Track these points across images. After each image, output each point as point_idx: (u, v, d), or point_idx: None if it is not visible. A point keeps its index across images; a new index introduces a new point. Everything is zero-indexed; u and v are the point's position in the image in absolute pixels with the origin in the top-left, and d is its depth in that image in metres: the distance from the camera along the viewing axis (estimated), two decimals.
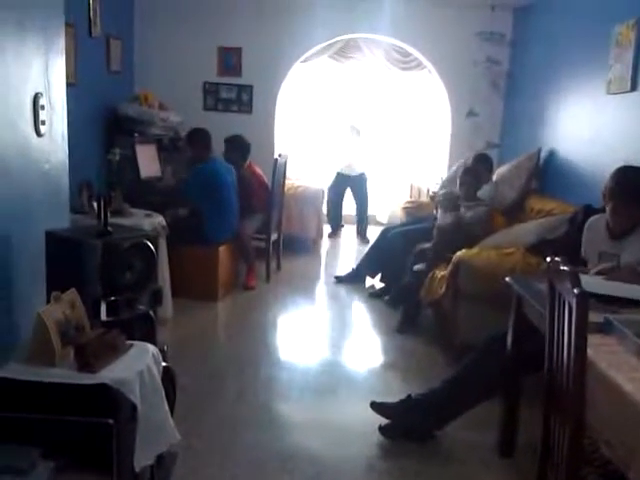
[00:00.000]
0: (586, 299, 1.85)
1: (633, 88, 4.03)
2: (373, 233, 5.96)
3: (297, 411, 3.43)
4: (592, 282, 2.28)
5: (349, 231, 7.87)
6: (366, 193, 7.76)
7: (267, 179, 5.77)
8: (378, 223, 7.81)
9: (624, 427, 1.70)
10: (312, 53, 7.14)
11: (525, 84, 6.20)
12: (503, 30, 6.62)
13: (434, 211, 5.11)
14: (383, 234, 5.63)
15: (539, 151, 5.28)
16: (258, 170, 5.85)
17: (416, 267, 4.58)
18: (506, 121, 6.79)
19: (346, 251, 7.15)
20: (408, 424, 3.03)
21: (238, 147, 5.67)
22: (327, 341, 4.49)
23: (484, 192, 4.94)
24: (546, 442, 2.18)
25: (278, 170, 5.68)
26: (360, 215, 7.77)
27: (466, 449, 3.03)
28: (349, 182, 7.69)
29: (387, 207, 7.99)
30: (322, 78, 8.29)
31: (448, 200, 4.70)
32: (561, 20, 5.39)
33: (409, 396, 3.09)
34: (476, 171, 4.91)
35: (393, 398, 3.15)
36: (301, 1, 6.49)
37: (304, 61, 7.25)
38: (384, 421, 3.07)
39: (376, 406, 3.13)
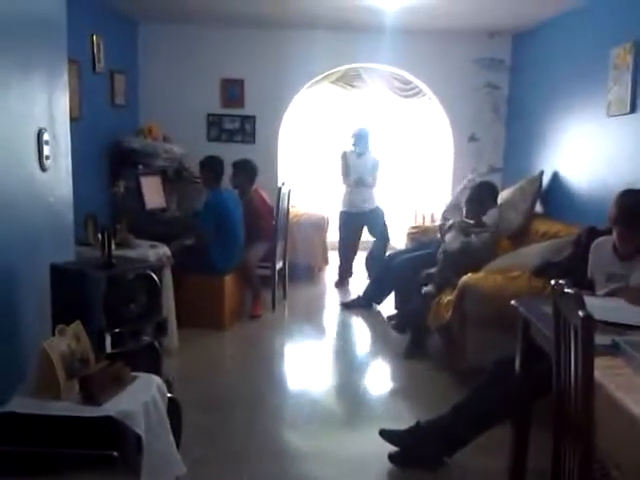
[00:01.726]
0: (591, 322, 1.84)
1: (632, 110, 4.06)
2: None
3: (305, 440, 3.39)
4: (597, 307, 2.25)
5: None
6: (386, 228, 6.60)
7: (272, 205, 5.80)
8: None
9: (634, 449, 1.68)
10: (314, 80, 7.22)
11: (526, 108, 6.24)
12: (502, 56, 6.69)
13: (438, 235, 5.10)
14: (388, 260, 5.63)
15: (541, 174, 5.30)
16: (264, 195, 5.89)
17: (424, 289, 4.57)
18: (508, 145, 6.82)
19: (352, 278, 7.12)
20: (418, 451, 2.99)
21: (245, 171, 5.72)
22: (334, 368, 4.47)
23: (489, 218, 4.95)
24: (556, 466, 2.15)
25: (282, 198, 5.71)
26: (379, 251, 6.45)
27: (476, 476, 2.99)
28: (364, 220, 6.53)
29: (401, 233, 7.76)
30: (324, 105, 8.34)
31: (462, 227, 4.70)
32: (559, 45, 5.44)
33: (418, 423, 3.06)
34: (479, 199, 4.92)
35: (402, 425, 3.12)
36: (301, 32, 6.58)
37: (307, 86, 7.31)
38: (393, 449, 3.04)
39: (385, 434, 3.10)
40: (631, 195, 2.88)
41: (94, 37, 5.21)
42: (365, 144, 6.46)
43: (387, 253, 6.20)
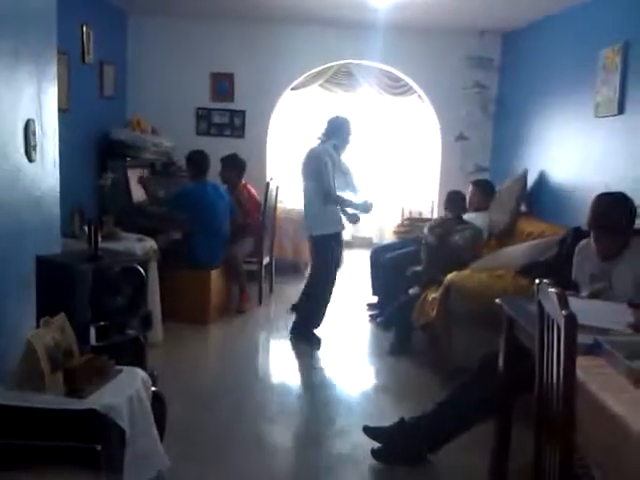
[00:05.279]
0: (574, 321, 1.86)
1: (620, 111, 4.09)
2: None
3: (288, 436, 3.41)
4: (579, 310, 2.26)
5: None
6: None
7: (261, 200, 5.80)
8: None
9: (615, 448, 1.70)
10: (303, 81, 7.21)
11: (514, 108, 6.27)
12: (492, 55, 6.70)
13: (421, 234, 5.11)
14: (374, 256, 5.65)
15: (525, 173, 5.33)
16: (253, 190, 5.89)
17: (411, 291, 4.58)
18: (495, 144, 6.85)
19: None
20: (401, 448, 3.01)
21: (233, 165, 5.73)
22: (319, 364, 4.47)
23: (478, 218, 4.98)
24: (538, 465, 2.17)
25: (270, 194, 5.71)
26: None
27: (459, 473, 3.01)
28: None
29: (388, 229, 7.82)
30: (313, 107, 8.32)
31: (441, 226, 4.71)
32: (549, 45, 5.47)
33: (402, 420, 3.07)
34: (458, 196, 4.95)
35: (386, 422, 3.13)
36: (292, 28, 6.56)
37: (295, 88, 7.30)
38: (377, 445, 3.05)
39: (369, 430, 3.11)
40: (603, 200, 2.90)
41: (84, 28, 5.17)
42: None
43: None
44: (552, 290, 1.97)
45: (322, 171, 4.57)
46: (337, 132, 4.71)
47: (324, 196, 4.59)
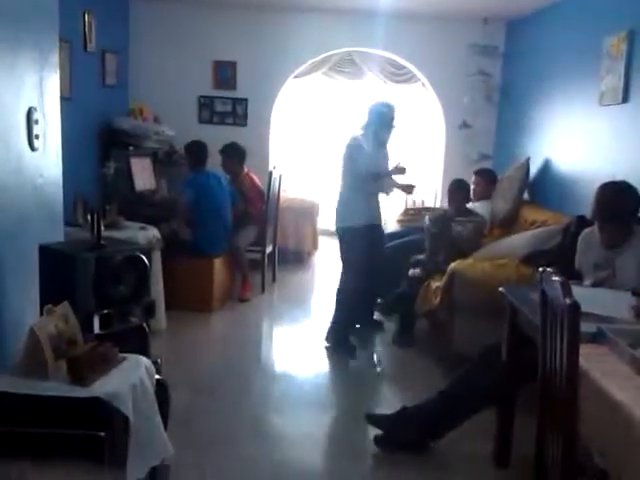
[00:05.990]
0: (578, 309, 1.86)
1: (625, 100, 4.06)
2: None
3: (291, 424, 3.41)
4: (583, 298, 2.25)
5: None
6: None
7: (263, 189, 5.80)
8: None
9: (615, 436, 1.70)
10: (306, 68, 7.18)
11: (518, 96, 6.24)
12: (496, 43, 6.65)
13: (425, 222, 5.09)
14: None
15: (528, 161, 5.31)
16: (256, 178, 5.88)
17: (411, 272, 4.57)
18: (499, 132, 6.82)
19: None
20: (403, 436, 3.02)
21: (234, 152, 5.71)
22: (321, 352, 4.47)
23: (481, 207, 4.96)
24: (540, 452, 2.18)
25: (273, 182, 5.71)
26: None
27: (462, 460, 3.02)
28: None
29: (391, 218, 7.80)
30: (316, 94, 8.28)
31: (439, 220, 4.65)
32: (553, 32, 5.43)
33: (404, 407, 3.08)
34: (462, 185, 4.93)
35: (388, 409, 3.14)
36: (295, 15, 6.53)
37: (298, 76, 7.27)
38: (379, 432, 3.06)
39: (371, 418, 3.12)
40: (608, 189, 2.90)
41: (86, 15, 5.15)
42: None
43: None
44: (555, 278, 1.98)
45: (353, 157, 4.45)
46: (374, 119, 4.60)
47: (361, 180, 4.41)
